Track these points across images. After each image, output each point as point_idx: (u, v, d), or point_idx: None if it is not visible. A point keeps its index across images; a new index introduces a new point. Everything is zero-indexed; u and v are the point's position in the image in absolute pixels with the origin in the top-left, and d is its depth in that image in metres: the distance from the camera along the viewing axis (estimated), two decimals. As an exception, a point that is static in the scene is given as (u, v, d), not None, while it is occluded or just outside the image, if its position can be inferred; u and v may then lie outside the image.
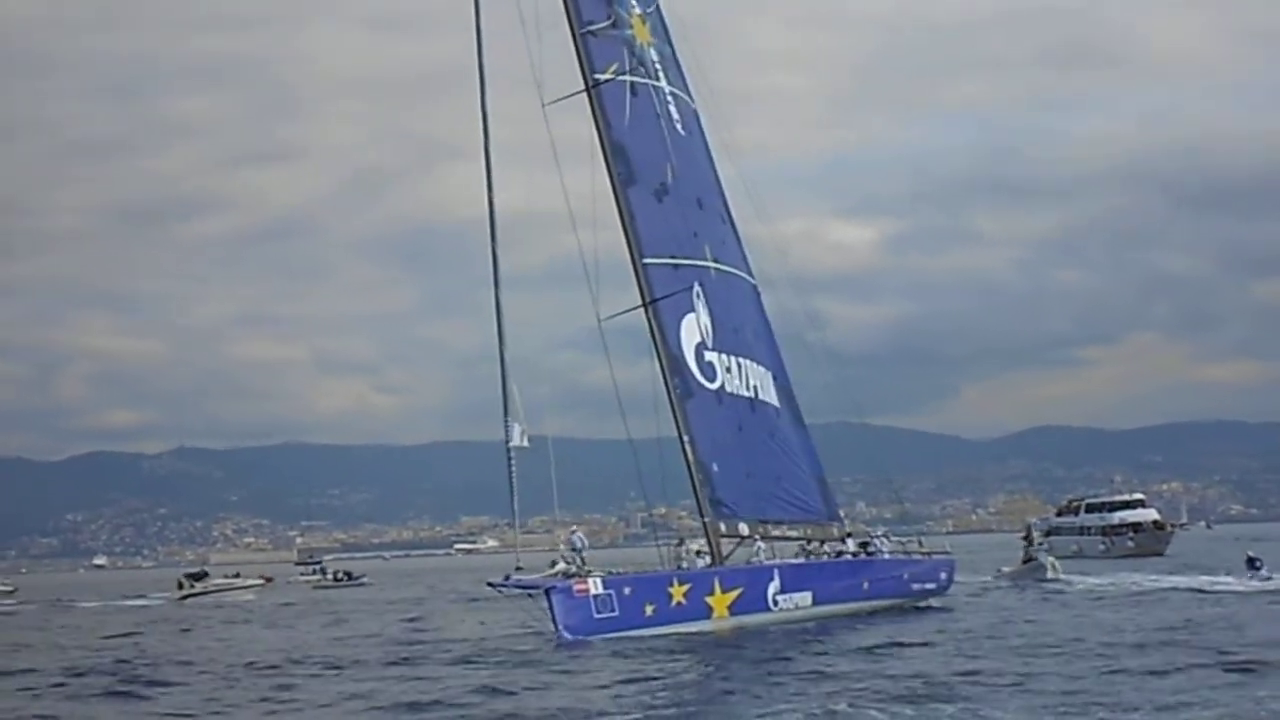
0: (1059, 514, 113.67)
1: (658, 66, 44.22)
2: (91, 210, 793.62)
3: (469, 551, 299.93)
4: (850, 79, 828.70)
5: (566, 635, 34.76)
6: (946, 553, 49.88)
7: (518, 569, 36.86)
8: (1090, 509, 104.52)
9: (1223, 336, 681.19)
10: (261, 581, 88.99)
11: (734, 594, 38.65)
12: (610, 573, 37.69)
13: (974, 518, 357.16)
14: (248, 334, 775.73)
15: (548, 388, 41.69)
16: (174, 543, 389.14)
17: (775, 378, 46.25)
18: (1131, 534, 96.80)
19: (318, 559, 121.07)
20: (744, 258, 46.66)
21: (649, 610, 36.53)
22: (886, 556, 46.48)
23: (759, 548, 41.90)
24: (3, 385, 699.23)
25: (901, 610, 43.90)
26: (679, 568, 39.39)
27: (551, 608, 35.44)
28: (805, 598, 40.93)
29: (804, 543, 45.10)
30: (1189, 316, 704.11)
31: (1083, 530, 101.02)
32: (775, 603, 39.94)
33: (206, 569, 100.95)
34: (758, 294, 46.95)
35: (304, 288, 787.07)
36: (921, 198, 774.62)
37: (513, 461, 37.20)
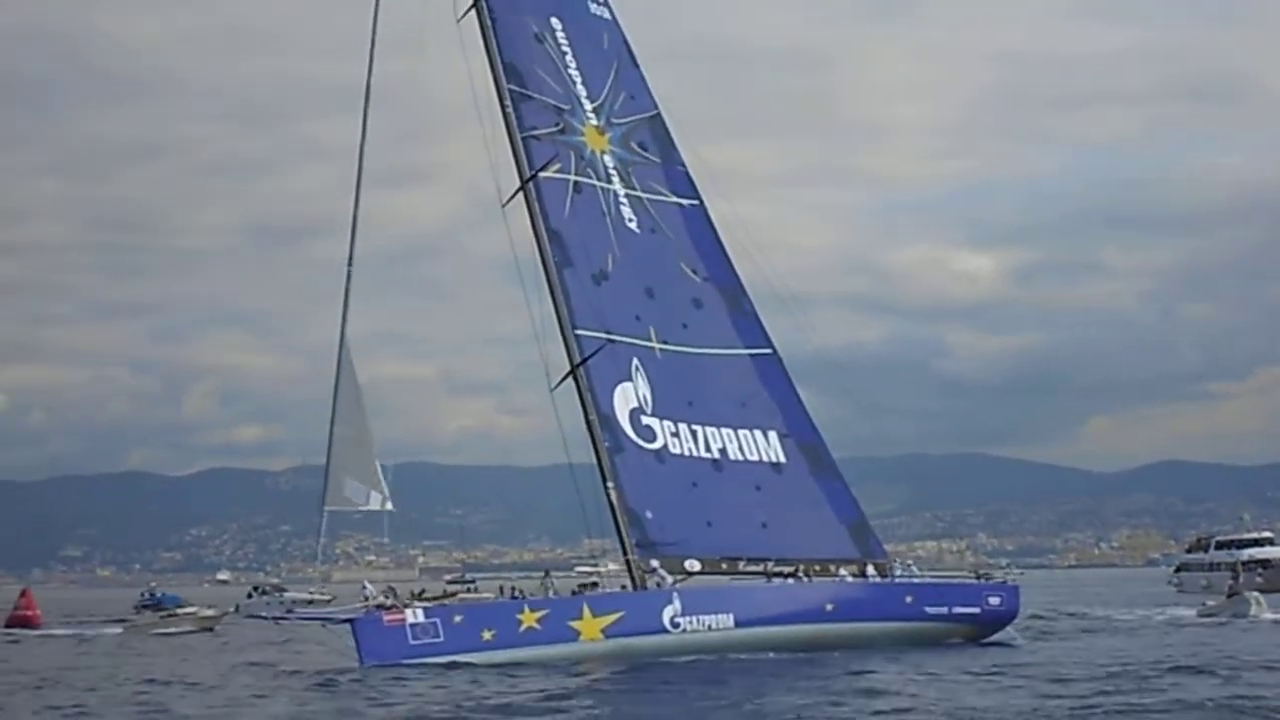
0: (1189, 550, 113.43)
1: (612, 171, 47.56)
2: (227, 230, 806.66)
3: (590, 573, 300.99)
4: (977, 110, 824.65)
5: (371, 660, 36.93)
6: (1007, 580, 48.65)
7: (309, 602, 40.29)
8: (1220, 545, 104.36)
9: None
10: None
11: (610, 618, 39.97)
12: (441, 603, 40.91)
13: (1096, 552, 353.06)
14: (377, 353, 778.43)
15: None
16: (296, 559, 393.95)
17: (786, 435, 47.82)
18: (1261, 570, 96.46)
19: (471, 577, 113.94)
20: (740, 332, 48.50)
21: (487, 635, 38.48)
22: (903, 580, 46.74)
23: (660, 576, 42.38)
24: (134, 400, 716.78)
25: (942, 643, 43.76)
26: (546, 597, 41.35)
27: (356, 637, 37.74)
28: (722, 620, 41.58)
29: (767, 576, 45.52)
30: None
31: (1212, 566, 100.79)
32: (674, 625, 40.71)
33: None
34: (772, 362, 48.63)
35: (434, 307, 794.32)
36: (1048, 229, 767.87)
37: (321, 521, 41.54)
